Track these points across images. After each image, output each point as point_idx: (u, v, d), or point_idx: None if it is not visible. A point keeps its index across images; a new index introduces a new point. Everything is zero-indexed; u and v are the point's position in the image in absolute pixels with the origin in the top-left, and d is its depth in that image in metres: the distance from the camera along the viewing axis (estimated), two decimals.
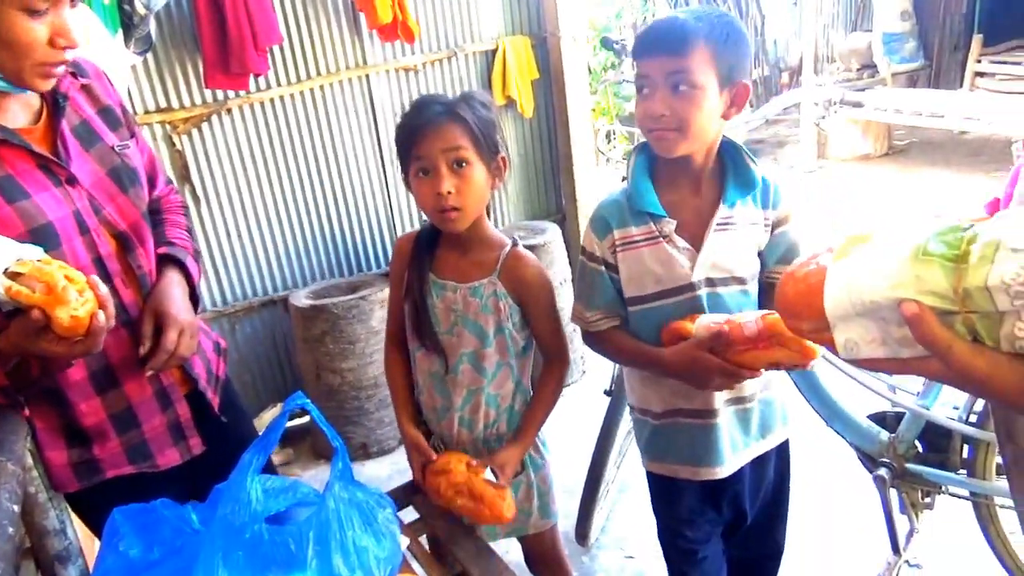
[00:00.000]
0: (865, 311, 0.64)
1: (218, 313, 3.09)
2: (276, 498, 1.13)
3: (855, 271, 0.65)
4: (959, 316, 0.60)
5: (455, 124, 1.37)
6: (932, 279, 0.59)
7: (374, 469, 3.02)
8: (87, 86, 1.32)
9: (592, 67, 7.13)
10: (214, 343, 1.55)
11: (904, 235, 0.63)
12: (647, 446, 1.54)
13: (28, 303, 1.02)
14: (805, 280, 0.71)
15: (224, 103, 2.93)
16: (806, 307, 0.70)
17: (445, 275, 1.50)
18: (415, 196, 1.44)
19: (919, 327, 0.60)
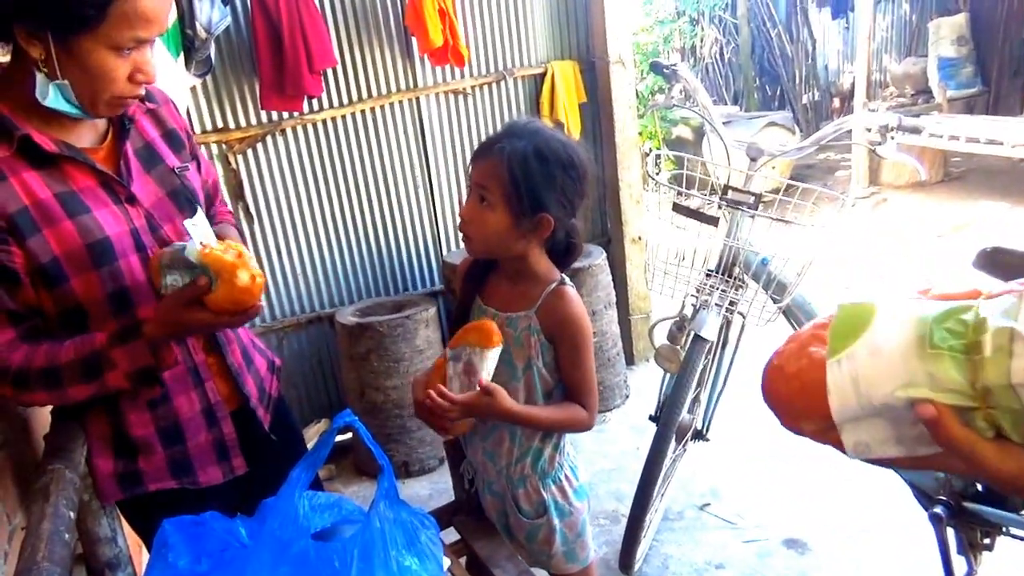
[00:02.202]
0: (876, 412, 0.58)
1: (267, 328, 3.14)
2: (322, 514, 1.14)
3: (860, 371, 0.58)
4: (980, 412, 0.55)
5: (497, 164, 1.35)
6: (946, 376, 0.54)
7: (415, 488, 3.02)
8: (154, 111, 1.38)
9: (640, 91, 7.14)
10: (269, 362, 1.57)
11: (905, 318, 0.57)
12: None
13: (218, 266, 1.15)
14: (799, 378, 0.64)
15: (279, 124, 3.01)
16: (805, 408, 0.64)
17: (491, 302, 1.50)
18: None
19: (938, 430, 0.56)
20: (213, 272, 1.16)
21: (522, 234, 1.39)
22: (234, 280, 1.16)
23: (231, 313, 1.19)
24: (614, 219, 3.68)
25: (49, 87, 1.12)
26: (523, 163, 1.34)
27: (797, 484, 2.68)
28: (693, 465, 2.77)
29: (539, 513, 1.52)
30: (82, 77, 1.12)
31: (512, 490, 1.53)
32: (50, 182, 1.17)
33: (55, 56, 1.09)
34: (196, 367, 1.34)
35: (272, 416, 1.50)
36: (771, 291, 2.03)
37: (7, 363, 1.15)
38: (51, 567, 0.90)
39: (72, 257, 1.18)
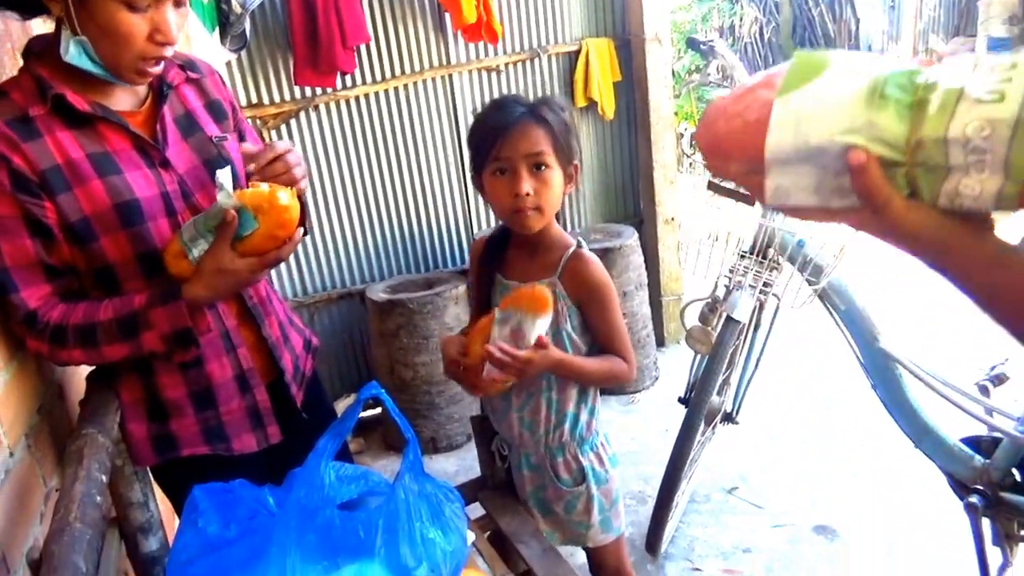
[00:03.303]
0: (807, 156, 0.60)
1: (298, 303, 3.18)
2: (348, 485, 1.14)
3: (805, 111, 0.59)
4: (902, 169, 0.58)
5: (537, 127, 1.37)
6: (886, 126, 0.57)
7: (442, 464, 3.04)
8: (198, 81, 1.39)
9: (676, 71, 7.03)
10: (306, 340, 1.58)
11: (860, 70, 0.59)
12: None
13: (256, 199, 1.17)
14: (741, 116, 0.63)
15: (312, 100, 3.01)
16: (738, 146, 0.64)
17: (512, 276, 1.50)
18: (489, 195, 1.44)
19: (862, 177, 0.58)
20: (252, 209, 1.17)
21: (564, 189, 1.44)
22: (276, 203, 1.18)
23: (278, 246, 1.21)
24: (647, 199, 3.64)
25: (71, 44, 1.13)
26: (557, 118, 1.39)
27: (827, 470, 2.64)
28: (722, 448, 2.74)
29: (578, 481, 1.54)
30: (100, 34, 1.13)
31: (551, 459, 1.54)
32: (84, 142, 1.20)
33: (73, 11, 1.10)
34: (228, 332, 1.35)
35: (305, 394, 1.51)
36: (807, 273, 1.99)
37: (45, 318, 1.18)
38: (83, 528, 0.91)
39: (101, 217, 1.19)
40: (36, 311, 1.18)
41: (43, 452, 1.25)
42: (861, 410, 2.67)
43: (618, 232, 3.37)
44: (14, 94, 1.17)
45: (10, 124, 1.14)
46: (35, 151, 1.15)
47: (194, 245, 1.20)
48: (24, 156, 1.14)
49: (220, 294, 1.24)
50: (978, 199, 0.56)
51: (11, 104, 1.16)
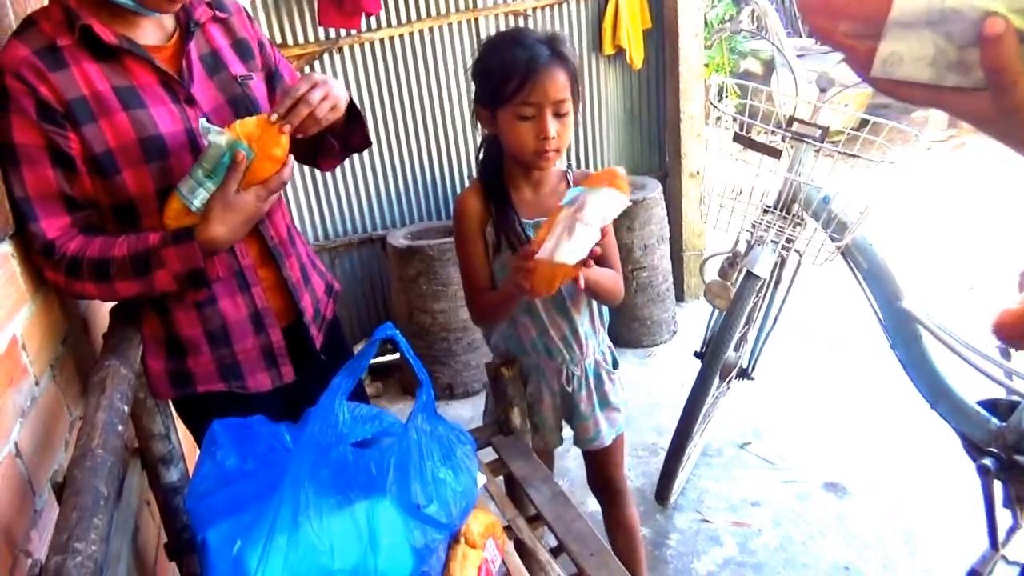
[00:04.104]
0: (937, 20, 0.55)
1: (320, 247, 3.19)
2: (363, 425, 1.16)
3: None
4: None
5: (563, 72, 1.37)
6: None
7: (458, 410, 3.09)
8: (225, 20, 1.38)
9: (708, 19, 6.83)
10: (327, 284, 1.59)
11: None
12: None
13: (246, 129, 1.19)
14: None
15: (336, 42, 2.98)
16: (857, 3, 0.58)
17: (528, 215, 1.49)
18: (507, 134, 1.41)
19: (996, 49, 0.52)
20: (246, 138, 1.19)
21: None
22: (266, 125, 1.20)
23: (277, 169, 1.23)
24: (672, 152, 3.58)
25: None
26: (573, 60, 1.40)
27: (841, 428, 2.64)
28: (736, 403, 2.75)
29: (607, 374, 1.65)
30: None
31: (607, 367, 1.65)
32: (110, 75, 1.20)
33: None
34: (242, 270, 1.36)
35: (325, 337, 1.53)
36: (831, 230, 1.96)
37: (62, 249, 1.20)
38: (104, 454, 0.94)
39: (125, 149, 1.21)
40: (54, 242, 1.20)
41: (68, 382, 1.28)
42: (878, 370, 2.65)
43: (642, 184, 3.32)
44: (43, 24, 1.18)
45: (38, 53, 1.15)
46: (62, 81, 1.16)
47: (194, 196, 1.21)
48: (51, 86, 1.15)
49: (236, 230, 1.24)
50: None
51: (40, 34, 1.17)
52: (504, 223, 1.48)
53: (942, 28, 0.55)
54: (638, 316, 3.33)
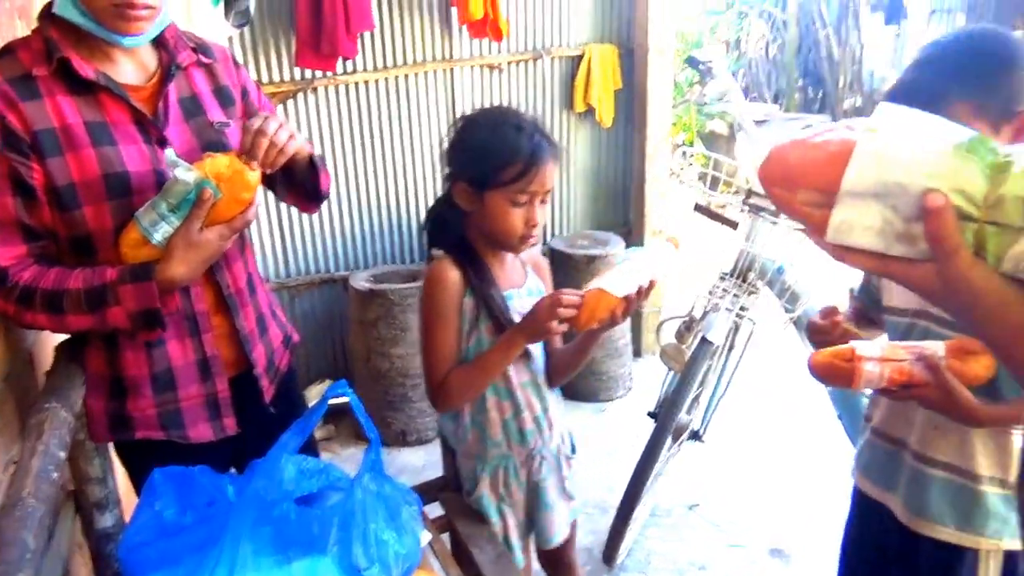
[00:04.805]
0: (883, 192, 0.59)
1: (280, 285, 3.17)
2: (309, 479, 1.15)
3: (892, 147, 0.59)
4: (974, 225, 0.57)
5: (555, 162, 1.41)
6: (969, 177, 0.57)
7: (410, 457, 3.05)
8: (209, 65, 1.39)
9: (678, 82, 7.03)
10: (285, 336, 1.57)
11: (949, 127, 0.60)
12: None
13: (215, 168, 1.18)
14: (822, 148, 0.63)
15: (311, 82, 3.00)
16: (814, 175, 0.63)
17: (509, 287, 1.50)
18: (492, 216, 1.40)
19: (937, 220, 0.57)
20: (214, 177, 1.18)
21: None
22: (235, 166, 1.19)
23: (243, 210, 1.23)
24: (636, 210, 3.65)
25: None
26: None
27: (788, 495, 2.67)
28: (686, 465, 2.77)
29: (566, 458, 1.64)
30: None
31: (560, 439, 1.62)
32: (84, 109, 1.20)
33: None
34: (195, 316, 1.34)
35: (277, 389, 1.50)
36: (784, 300, 2.01)
37: (15, 278, 1.18)
38: (36, 504, 0.92)
39: (88, 185, 1.20)
40: (7, 270, 1.18)
41: (6, 421, 1.25)
42: (826, 439, 2.70)
43: (605, 240, 3.38)
44: (21, 53, 1.18)
45: (11, 82, 1.16)
46: (32, 111, 1.16)
47: (155, 229, 1.19)
48: (20, 115, 1.15)
49: (196, 270, 1.23)
50: None
51: (16, 62, 1.17)
52: (487, 294, 1.44)
53: (888, 201, 0.59)
54: (595, 370, 3.35)
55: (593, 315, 1.33)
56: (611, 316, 1.35)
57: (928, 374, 1.17)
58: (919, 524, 1.34)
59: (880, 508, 1.43)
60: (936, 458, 1.31)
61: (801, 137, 0.65)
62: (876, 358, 1.20)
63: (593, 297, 1.32)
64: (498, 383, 1.49)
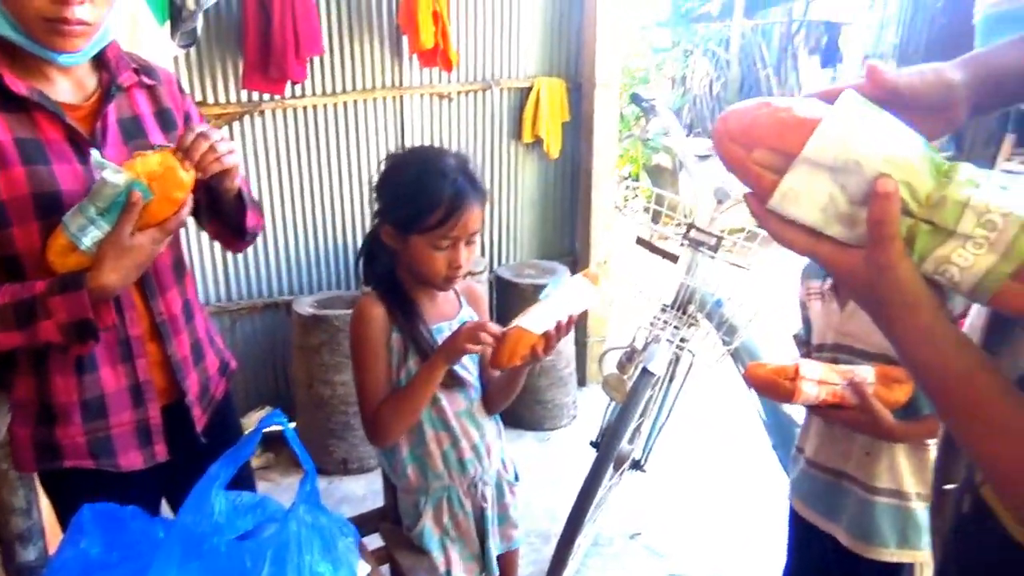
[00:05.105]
0: (839, 167, 0.61)
1: (221, 308, 3.11)
2: (243, 516, 1.12)
3: (862, 126, 0.61)
4: (909, 220, 0.60)
5: (480, 205, 1.42)
6: (921, 173, 0.60)
7: (351, 486, 3.00)
8: (152, 88, 1.37)
9: (625, 115, 7.19)
10: (223, 363, 1.54)
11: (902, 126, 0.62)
12: None
13: (147, 167, 1.13)
14: (790, 112, 0.64)
15: (258, 104, 2.98)
16: (776, 135, 0.63)
17: (431, 320, 1.50)
18: (416, 258, 1.42)
19: (884, 205, 0.59)
20: (146, 177, 1.14)
21: None
22: (168, 164, 1.15)
23: (175, 210, 1.18)
24: (582, 241, 3.71)
25: None
26: (484, 184, 1.45)
27: (728, 523, 2.72)
28: (628, 494, 2.79)
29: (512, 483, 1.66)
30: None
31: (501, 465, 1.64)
32: (15, 126, 1.17)
33: None
34: (128, 340, 1.31)
35: (210, 418, 1.47)
36: (722, 332, 2.06)
37: None
38: None
39: (17, 203, 1.16)
40: None
41: None
42: (762, 467, 2.76)
43: (551, 269, 3.42)
44: None
45: None
46: None
47: (84, 234, 1.15)
48: None
49: (128, 276, 1.19)
50: (965, 272, 0.59)
51: None
52: (413, 330, 1.46)
53: (840, 178, 0.61)
54: (540, 399, 3.36)
55: (514, 353, 1.34)
56: (532, 353, 1.36)
57: (856, 398, 1.27)
58: (864, 548, 1.43)
59: (820, 534, 1.49)
60: (879, 486, 1.40)
61: (776, 101, 0.66)
62: (815, 380, 1.29)
63: (513, 336, 1.34)
64: (433, 414, 1.50)
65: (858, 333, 1.39)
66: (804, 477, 1.53)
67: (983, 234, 0.58)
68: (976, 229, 0.58)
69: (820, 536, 1.50)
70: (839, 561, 1.47)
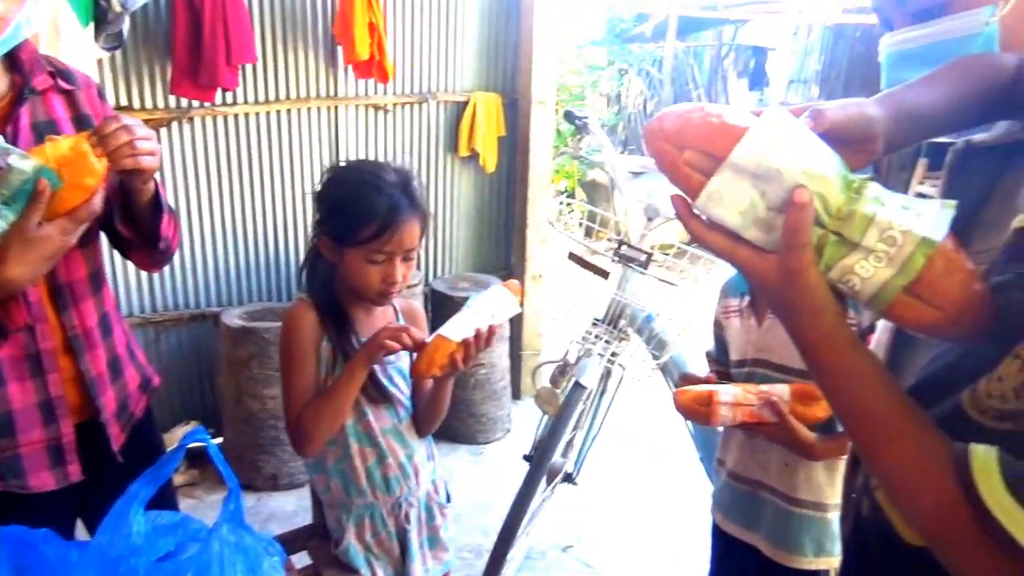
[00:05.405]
0: (761, 175, 0.64)
1: (145, 320, 3.00)
2: (164, 537, 1.09)
3: (785, 138, 0.64)
4: (820, 231, 0.64)
5: (418, 221, 1.41)
6: (834, 187, 0.63)
7: (281, 502, 2.93)
8: (71, 92, 1.31)
9: (561, 131, 7.29)
10: (144, 379, 1.48)
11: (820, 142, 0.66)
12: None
13: (56, 152, 1.07)
14: (721, 117, 0.66)
15: (187, 111, 2.90)
16: (706, 138, 0.66)
17: (364, 332, 1.48)
18: (351, 271, 1.41)
19: (799, 214, 0.62)
20: (55, 163, 1.07)
21: None
22: (79, 149, 1.08)
23: (87, 199, 1.11)
24: (517, 254, 3.73)
25: None
26: (424, 200, 1.44)
27: (658, 535, 2.76)
28: (560, 507, 2.81)
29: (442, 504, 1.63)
30: None
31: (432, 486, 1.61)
32: None
33: None
34: (39, 354, 1.24)
35: (129, 436, 1.41)
36: (652, 347, 2.11)
37: None
38: None
39: None
40: None
41: None
42: (690, 479, 2.82)
43: (486, 283, 3.42)
44: None
45: None
46: None
47: None
48: None
49: (37, 269, 1.11)
50: (865, 282, 0.63)
51: None
52: (344, 341, 1.44)
53: (761, 185, 0.64)
54: (474, 412, 3.36)
55: (433, 361, 1.34)
56: (451, 362, 1.36)
57: (774, 417, 1.32)
58: (784, 557, 1.48)
59: (741, 544, 1.54)
60: (799, 497, 1.45)
61: (708, 106, 0.69)
62: (730, 403, 1.35)
63: (432, 344, 1.34)
64: (360, 429, 1.48)
65: (775, 347, 1.45)
66: (725, 489, 1.58)
67: (884, 248, 0.62)
68: (878, 243, 0.62)
69: (741, 547, 1.55)
70: (759, 571, 1.52)
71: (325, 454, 1.49)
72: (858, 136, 0.69)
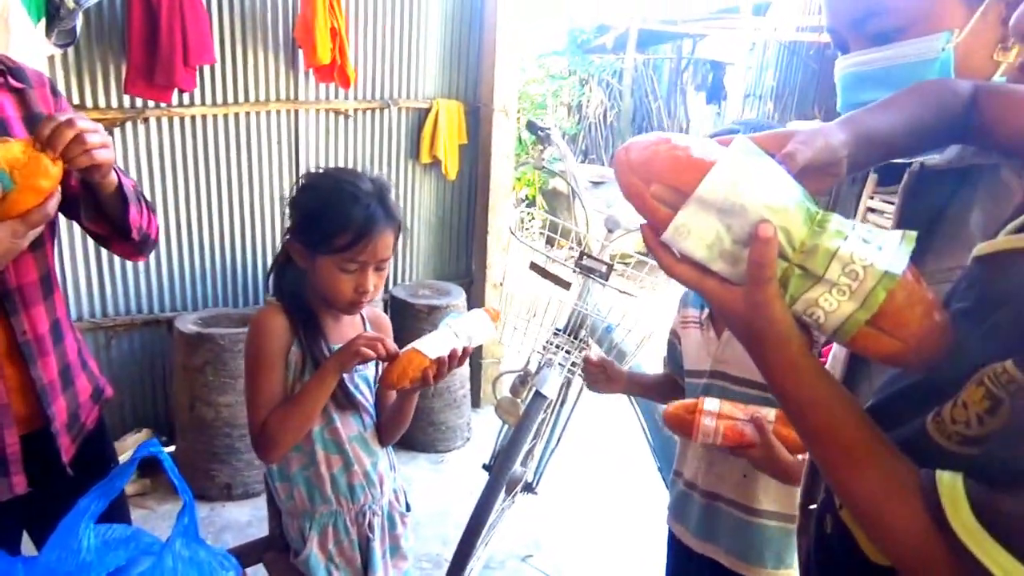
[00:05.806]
0: (726, 208, 0.65)
1: (96, 325, 2.92)
2: (115, 551, 1.06)
3: (750, 171, 0.65)
4: (785, 264, 0.65)
5: (392, 231, 1.40)
6: (796, 222, 0.64)
7: (235, 512, 2.87)
8: (22, 91, 1.26)
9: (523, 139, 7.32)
10: (96, 388, 1.44)
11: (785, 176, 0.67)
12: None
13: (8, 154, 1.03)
14: (687, 152, 0.67)
15: (142, 111, 2.84)
16: (672, 172, 0.67)
17: (333, 340, 1.47)
18: (323, 278, 1.40)
19: (763, 248, 0.63)
20: (6, 165, 1.04)
21: None
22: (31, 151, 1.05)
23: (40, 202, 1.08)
24: (478, 262, 3.73)
25: None
26: (398, 211, 1.44)
27: (617, 545, 2.78)
28: (519, 516, 2.81)
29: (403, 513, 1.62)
30: None
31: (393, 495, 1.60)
32: None
33: None
34: None
35: (80, 447, 1.36)
36: (612, 357, 2.12)
37: None
38: None
39: None
40: None
41: None
42: (649, 488, 2.84)
43: (447, 290, 3.42)
44: None
45: None
46: None
47: None
48: None
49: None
50: (829, 315, 0.64)
51: None
52: (314, 348, 1.43)
53: (726, 219, 0.65)
54: (433, 421, 3.34)
55: (404, 373, 1.34)
56: (422, 376, 1.36)
57: (756, 435, 1.30)
58: (743, 568, 1.47)
59: (697, 556, 1.54)
60: (758, 508, 1.45)
61: (675, 139, 0.69)
62: (714, 413, 1.32)
63: (406, 356, 1.34)
64: (327, 435, 1.46)
65: (733, 360, 1.46)
66: (683, 500, 1.58)
67: (847, 282, 0.63)
68: (841, 277, 0.63)
69: (697, 558, 1.55)
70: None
71: (289, 461, 1.46)
72: (824, 163, 0.70)
